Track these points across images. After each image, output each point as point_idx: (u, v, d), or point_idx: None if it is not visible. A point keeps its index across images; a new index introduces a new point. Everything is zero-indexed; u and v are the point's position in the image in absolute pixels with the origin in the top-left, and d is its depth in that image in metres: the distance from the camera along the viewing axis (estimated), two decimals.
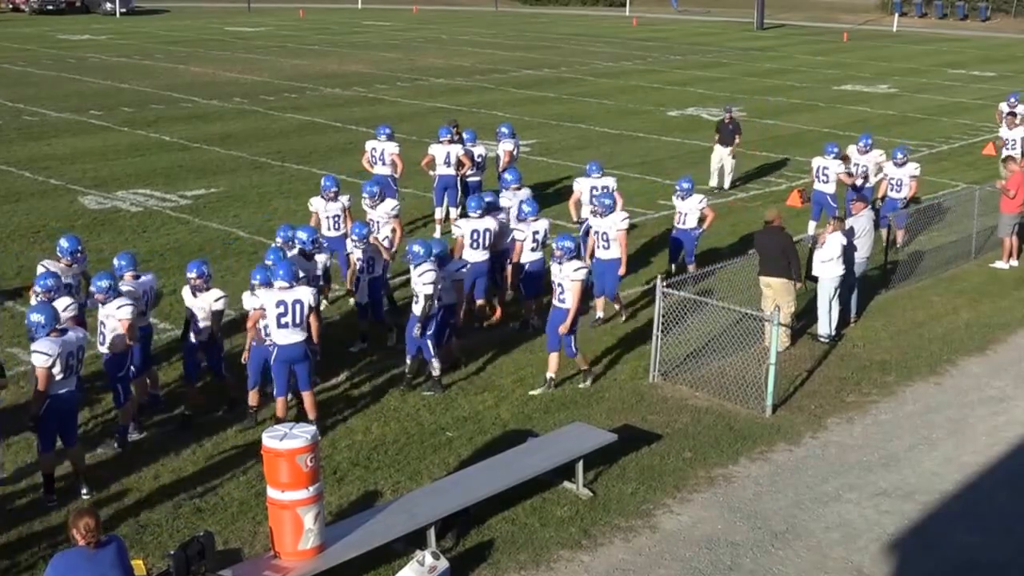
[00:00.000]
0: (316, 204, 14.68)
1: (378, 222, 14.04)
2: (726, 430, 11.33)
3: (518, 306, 14.21)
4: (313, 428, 8.30)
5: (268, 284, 10.76)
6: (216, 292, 11.04)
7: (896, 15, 64.42)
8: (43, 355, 9.18)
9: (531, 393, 12.03)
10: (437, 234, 17.36)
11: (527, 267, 13.74)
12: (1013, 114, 21.57)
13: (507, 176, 15.56)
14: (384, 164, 17.70)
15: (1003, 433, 11.51)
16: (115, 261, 11.18)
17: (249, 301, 10.92)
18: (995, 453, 11.05)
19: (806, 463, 10.72)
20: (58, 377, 9.25)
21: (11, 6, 60.08)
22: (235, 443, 10.69)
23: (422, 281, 11.62)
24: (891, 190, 17.54)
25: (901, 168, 17.49)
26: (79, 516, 6.73)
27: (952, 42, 55.26)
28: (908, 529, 9.56)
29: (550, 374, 12.17)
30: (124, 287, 10.62)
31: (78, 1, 60.42)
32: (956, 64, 45.04)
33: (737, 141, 21.90)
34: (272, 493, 8.13)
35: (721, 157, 21.80)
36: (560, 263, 11.89)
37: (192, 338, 11.05)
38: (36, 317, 9.44)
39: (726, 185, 21.83)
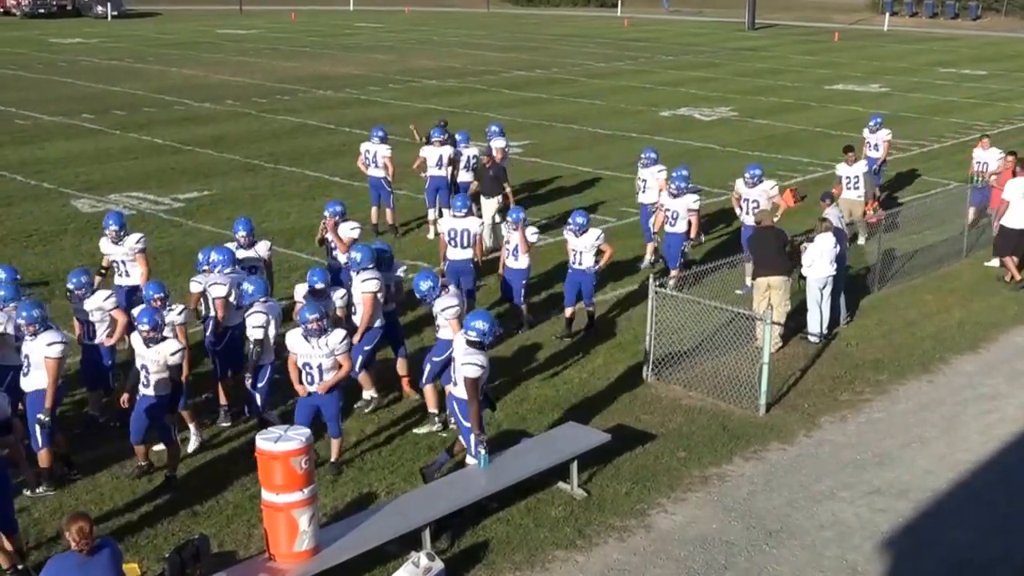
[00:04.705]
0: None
1: (581, 251, 13.55)
2: (720, 429, 11.35)
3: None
4: (307, 431, 8.30)
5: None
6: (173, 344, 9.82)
7: (887, 14, 64.62)
8: None
9: (416, 431, 11.06)
10: (431, 235, 17.44)
11: (507, 272, 13.65)
12: (851, 148, 18.59)
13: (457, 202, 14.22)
14: (377, 167, 17.71)
15: (996, 431, 11.54)
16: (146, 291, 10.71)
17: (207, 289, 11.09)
18: (988, 451, 11.09)
19: (800, 462, 10.75)
20: None
21: (2, 10, 59.93)
22: (229, 446, 10.69)
23: (363, 289, 11.27)
24: (667, 224, 15.34)
25: (677, 200, 15.20)
26: (73, 520, 6.72)
27: (943, 41, 55.43)
28: (902, 527, 9.59)
29: (432, 409, 11.13)
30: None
31: (69, 4, 60.35)
32: (947, 63, 45.15)
33: (507, 190, 17.13)
34: (266, 495, 8.12)
35: (487, 212, 16.95)
36: (356, 272, 11.40)
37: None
38: None
39: (488, 243, 16.31)
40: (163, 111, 29.49)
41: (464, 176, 18.10)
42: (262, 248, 12.36)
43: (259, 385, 10.54)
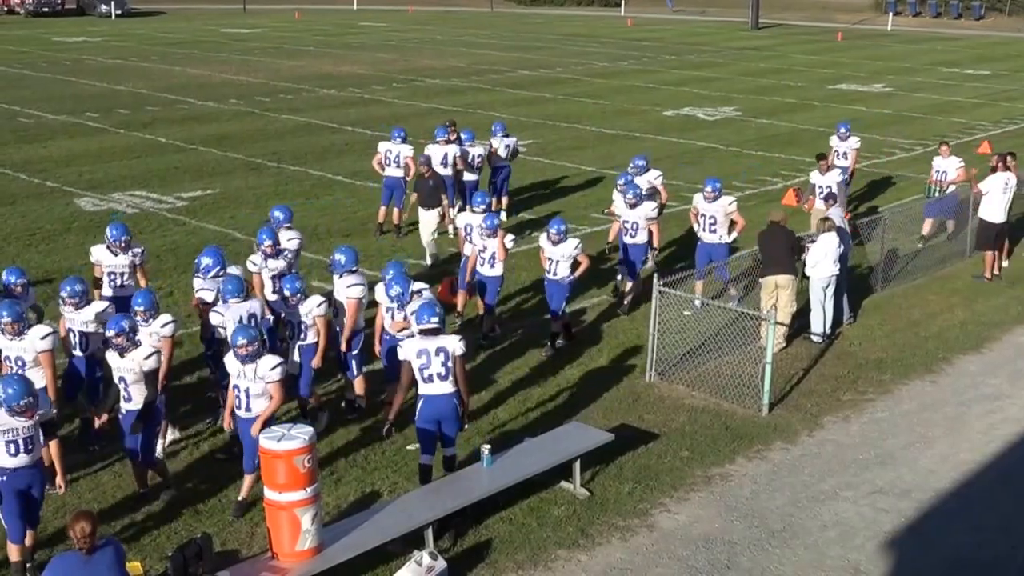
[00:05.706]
0: (257, 263, 11.93)
1: (557, 260, 13.01)
2: (723, 429, 11.35)
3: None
4: (311, 429, 8.31)
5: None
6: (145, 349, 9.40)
7: (890, 14, 64.62)
8: None
9: (408, 448, 10.58)
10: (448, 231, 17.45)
11: (481, 278, 13.36)
12: (823, 156, 17.75)
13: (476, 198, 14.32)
14: (398, 167, 17.68)
15: (999, 431, 11.54)
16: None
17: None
18: (991, 451, 11.09)
19: (803, 462, 10.75)
20: None
21: (6, 8, 60.03)
22: (232, 445, 10.69)
23: (348, 294, 11.13)
24: (625, 235, 14.64)
25: (634, 210, 14.52)
26: (76, 519, 6.74)
27: (946, 41, 55.40)
28: (905, 527, 9.59)
29: None
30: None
31: (73, 3, 60.40)
32: (950, 63, 45.12)
33: (444, 202, 16.06)
34: (269, 494, 8.13)
35: (427, 225, 16.28)
36: (340, 276, 11.20)
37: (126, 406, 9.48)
38: None
39: (427, 261, 16.40)
40: (167, 110, 29.52)
41: (469, 175, 18.11)
42: (290, 256, 12.22)
43: (224, 383, 10.27)
